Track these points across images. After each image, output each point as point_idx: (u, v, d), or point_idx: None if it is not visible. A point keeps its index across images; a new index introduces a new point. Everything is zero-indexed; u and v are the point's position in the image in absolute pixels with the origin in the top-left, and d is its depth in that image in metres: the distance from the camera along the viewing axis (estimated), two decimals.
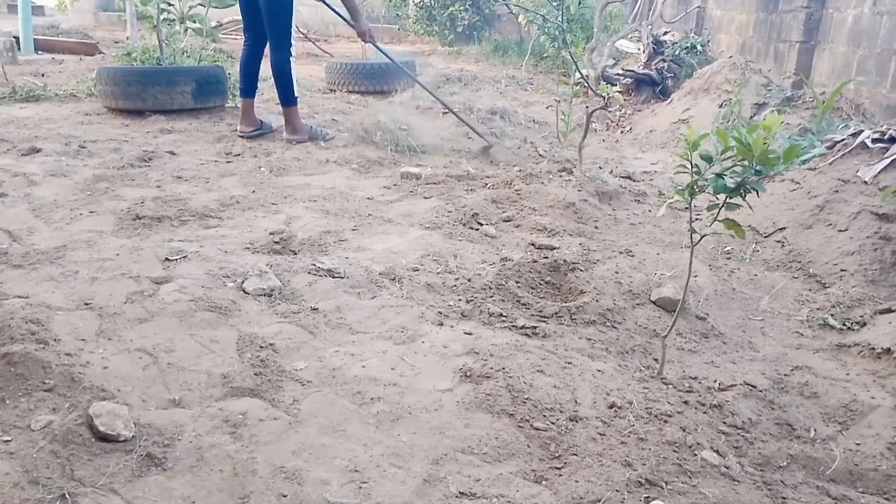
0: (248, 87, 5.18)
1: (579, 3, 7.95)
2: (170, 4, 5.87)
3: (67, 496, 1.58)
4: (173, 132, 5.16)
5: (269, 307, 2.56)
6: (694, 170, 2.04)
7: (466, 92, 7.09)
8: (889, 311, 2.78)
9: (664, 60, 8.14)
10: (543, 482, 1.78)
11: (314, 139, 5.19)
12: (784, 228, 3.57)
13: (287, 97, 5.08)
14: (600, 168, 4.91)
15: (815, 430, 2.11)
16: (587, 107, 5.83)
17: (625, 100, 7.61)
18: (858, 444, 2.06)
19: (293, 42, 5.01)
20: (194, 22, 6.32)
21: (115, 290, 2.55)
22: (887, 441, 2.05)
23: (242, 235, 3.22)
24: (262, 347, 2.25)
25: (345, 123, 5.73)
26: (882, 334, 2.61)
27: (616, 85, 5.93)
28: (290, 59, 4.99)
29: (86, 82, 6.48)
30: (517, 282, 2.84)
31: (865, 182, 3.46)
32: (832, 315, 2.84)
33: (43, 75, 7.10)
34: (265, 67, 5.20)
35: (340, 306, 2.60)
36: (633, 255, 3.16)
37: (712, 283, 3.05)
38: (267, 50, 5.10)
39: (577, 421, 2.00)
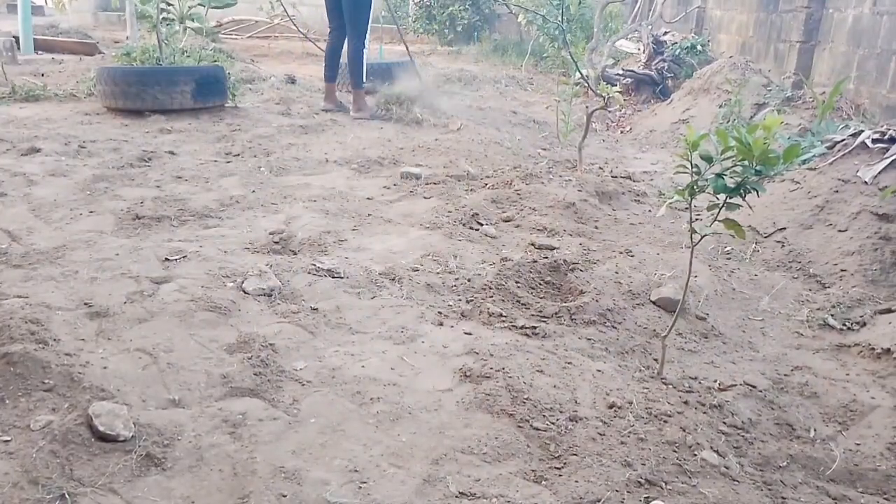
0: (332, 73, 6.12)
1: (579, 3, 7.93)
2: (169, 4, 5.86)
3: (67, 496, 1.58)
4: (173, 132, 5.16)
5: (268, 307, 2.55)
6: (694, 170, 2.04)
7: (467, 92, 7.09)
8: (889, 311, 2.78)
9: (664, 60, 8.14)
10: (543, 482, 1.78)
11: (374, 118, 5.95)
12: (784, 228, 3.57)
13: (357, 81, 5.96)
14: (600, 168, 4.91)
15: (815, 430, 2.11)
16: (587, 107, 5.83)
17: (625, 100, 7.61)
18: (858, 444, 2.06)
19: (367, 35, 5.93)
20: (194, 21, 6.32)
21: (115, 290, 2.55)
22: (887, 441, 2.05)
23: (242, 235, 3.22)
24: (262, 347, 2.25)
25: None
26: (882, 334, 2.61)
27: (616, 85, 5.92)
28: (364, 49, 5.88)
29: (85, 82, 6.47)
30: (517, 282, 2.84)
31: (865, 182, 3.46)
32: (832, 315, 2.84)
33: (43, 75, 7.09)
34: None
35: (340, 306, 2.60)
36: (633, 255, 3.16)
37: (712, 283, 3.04)
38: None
39: (576, 421, 2.00)
